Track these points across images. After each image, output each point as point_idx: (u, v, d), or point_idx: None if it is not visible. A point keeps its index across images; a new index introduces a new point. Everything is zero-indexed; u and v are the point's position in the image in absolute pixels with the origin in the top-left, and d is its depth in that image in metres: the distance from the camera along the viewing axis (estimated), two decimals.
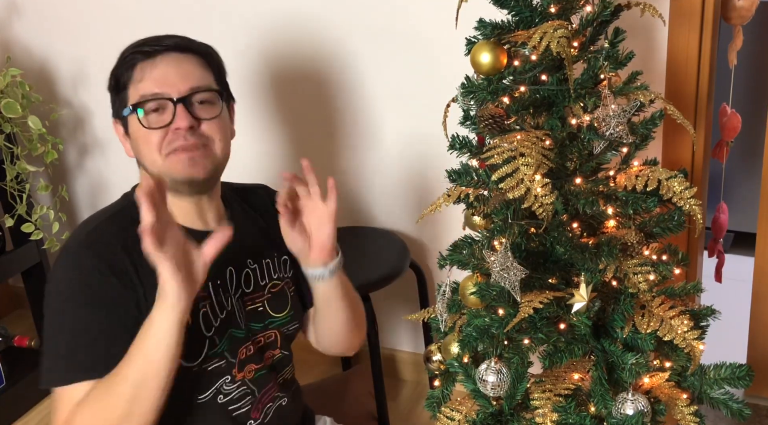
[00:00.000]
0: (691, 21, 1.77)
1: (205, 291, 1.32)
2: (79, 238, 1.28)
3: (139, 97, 1.26)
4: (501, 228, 1.26)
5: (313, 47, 2.13)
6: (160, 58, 1.27)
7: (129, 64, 1.27)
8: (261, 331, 1.40)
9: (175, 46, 1.29)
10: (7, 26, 2.50)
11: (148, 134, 1.27)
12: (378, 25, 2.04)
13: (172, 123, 1.26)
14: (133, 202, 1.32)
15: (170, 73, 1.27)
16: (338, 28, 2.08)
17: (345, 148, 2.21)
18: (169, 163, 1.27)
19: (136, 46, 1.29)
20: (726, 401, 1.30)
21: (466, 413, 1.33)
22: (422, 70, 2.03)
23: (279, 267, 1.46)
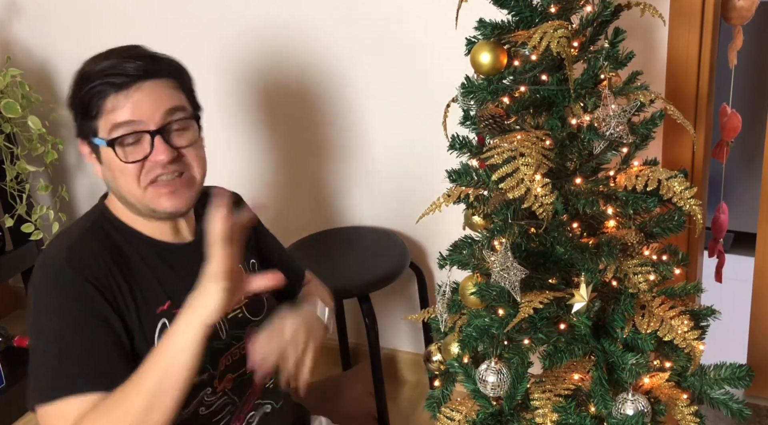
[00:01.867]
0: (691, 21, 1.77)
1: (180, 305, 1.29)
2: (58, 255, 1.24)
3: (113, 127, 1.21)
4: (501, 228, 1.26)
5: (311, 48, 2.12)
6: (133, 88, 1.21)
7: (99, 94, 1.21)
8: (244, 338, 1.39)
9: (146, 72, 1.23)
10: (7, 26, 2.50)
11: (125, 167, 1.23)
12: (378, 26, 2.04)
13: (150, 155, 1.22)
14: (105, 215, 1.32)
15: (144, 103, 1.22)
16: (336, 30, 2.08)
17: (345, 148, 2.21)
18: (150, 195, 1.25)
19: (104, 73, 1.22)
20: (726, 401, 1.30)
21: (466, 413, 1.33)
22: (422, 70, 2.03)
23: (248, 270, 1.46)
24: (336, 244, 2.17)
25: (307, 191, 2.32)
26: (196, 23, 2.24)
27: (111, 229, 1.31)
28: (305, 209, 2.33)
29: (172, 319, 1.27)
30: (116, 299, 1.23)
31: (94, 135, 1.24)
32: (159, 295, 1.29)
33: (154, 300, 1.28)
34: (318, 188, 2.30)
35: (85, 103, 1.23)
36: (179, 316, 1.16)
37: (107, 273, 1.24)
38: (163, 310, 1.28)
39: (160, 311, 1.28)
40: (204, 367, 1.31)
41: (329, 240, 2.19)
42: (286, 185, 2.33)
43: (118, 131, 1.21)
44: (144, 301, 1.27)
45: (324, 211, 2.32)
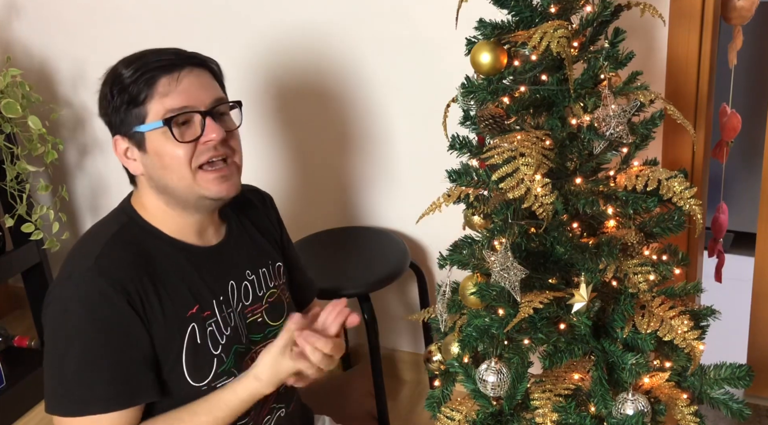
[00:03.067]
0: (691, 21, 1.77)
1: (210, 308, 1.31)
2: (86, 264, 1.23)
3: (167, 111, 1.23)
4: (501, 228, 1.26)
5: (316, 52, 2.13)
6: (183, 73, 1.25)
7: (148, 80, 1.23)
8: (261, 342, 1.40)
9: (191, 60, 1.28)
10: (7, 26, 2.50)
11: (176, 148, 1.24)
12: (378, 27, 2.04)
13: (202, 135, 1.25)
14: (132, 217, 1.32)
15: (193, 87, 1.25)
16: (340, 32, 2.08)
17: (345, 148, 2.21)
18: (200, 180, 1.26)
19: (150, 62, 1.25)
20: (726, 401, 1.30)
21: (466, 413, 1.33)
22: (422, 71, 2.03)
23: (274, 274, 1.46)
24: (336, 244, 2.17)
25: (307, 191, 2.32)
26: (203, 24, 2.24)
27: (139, 233, 1.30)
28: (306, 209, 2.33)
29: (200, 323, 1.29)
30: (145, 310, 1.23)
31: (141, 122, 1.24)
32: (188, 300, 1.29)
33: (183, 306, 1.28)
34: (318, 188, 2.30)
35: (132, 91, 1.24)
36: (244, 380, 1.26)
37: (137, 284, 1.23)
38: (192, 314, 1.28)
39: (189, 315, 1.28)
40: (230, 371, 1.32)
41: (329, 240, 2.19)
42: (286, 185, 2.33)
43: (169, 112, 1.23)
44: (172, 308, 1.26)
45: (324, 210, 2.32)
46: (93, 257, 1.23)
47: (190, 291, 1.29)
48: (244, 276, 1.39)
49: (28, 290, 2.51)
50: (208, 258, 1.35)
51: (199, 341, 1.28)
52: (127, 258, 1.25)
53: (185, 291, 1.29)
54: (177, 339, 1.26)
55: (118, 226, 1.30)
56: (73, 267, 1.25)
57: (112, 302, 1.20)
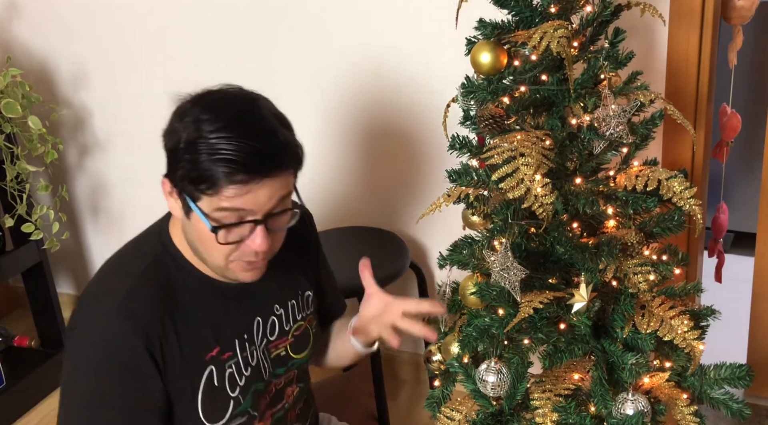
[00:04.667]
0: (691, 21, 1.77)
1: (231, 349, 1.27)
2: (114, 301, 1.19)
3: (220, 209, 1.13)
4: (501, 228, 1.26)
5: (320, 51, 2.13)
6: (263, 182, 1.12)
7: (220, 177, 1.10)
8: (284, 375, 1.37)
9: (272, 166, 1.13)
10: (7, 26, 2.50)
11: (216, 242, 1.15)
12: (378, 26, 2.04)
13: (247, 239, 1.16)
14: (168, 248, 1.26)
15: (260, 196, 1.13)
16: (338, 30, 2.08)
17: (345, 148, 2.21)
18: (232, 268, 1.20)
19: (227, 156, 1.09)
20: (726, 401, 1.30)
21: (466, 413, 1.33)
22: (422, 70, 2.03)
23: (303, 305, 1.41)
24: (336, 244, 2.17)
25: (307, 191, 2.32)
26: (204, 22, 2.24)
27: (171, 266, 1.25)
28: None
29: (219, 366, 1.25)
30: (163, 356, 1.20)
31: (191, 197, 1.14)
32: (208, 342, 1.25)
33: (203, 348, 1.25)
34: (318, 188, 2.30)
35: (197, 171, 1.11)
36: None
37: (159, 327, 1.19)
38: (211, 357, 1.25)
39: (208, 357, 1.25)
40: (245, 411, 1.29)
41: (329, 240, 2.19)
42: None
43: (223, 214, 1.13)
44: (192, 349, 1.23)
45: (324, 210, 2.31)
46: (122, 295, 1.19)
47: (212, 332, 1.25)
48: (272, 311, 1.35)
49: (28, 290, 2.51)
50: (237, 295, 1.29)
51: (216, 383, 1.25)
52: (154, 299, 1.20)
53: (207, 332, 1.25)
54: (193, 382, 1.23)
55: (152, 258, 1.24)
56: (102, 298, 1.22)
57: (131, 346, 1.17)
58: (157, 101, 2.50)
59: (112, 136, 2.52)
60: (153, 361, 1.18)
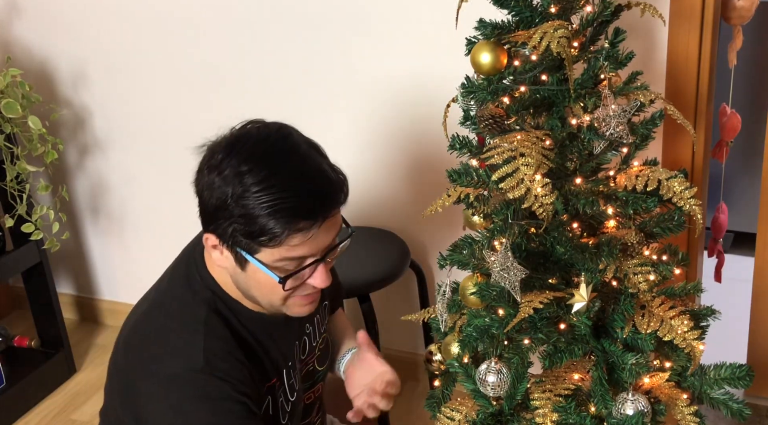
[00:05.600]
0: (691, 21, 1.77)
1: (281, 378, 1.28)
2: (194, 363, 1.16)
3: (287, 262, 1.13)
4: (501, 228, 1.26)
5: (311, 49, 2.13)
6: (323, 226, 1.13)
7: (280, 228, 1.09)
8: (310, 389, 1.39)
9: (329, 210, 1.14)
10: (7, 26, 2.49)
11: (278, 287, 1.15)
12: (377, 24, 2.04)
13: (309, 278, 1.16)
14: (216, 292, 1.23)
15: (320, 240, 1.14)
16: (337, 27, 2.08)
17: (345, 148, 2.21)
18: (290, 305, 1.20)
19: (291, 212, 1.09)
20: (726, 401, 1.30)
21: (466, 413, 1.33)
22: (422, 70, 2.03)
23: (323, 315, 1.42)
24: None
25: None
26: (204, 21, 2.24)
27: (227, 313, 1.23)
28: None
29: (274, 395, 1.26)
30: (250, 391, 1.19)
31: (250, 251, 1.12)
32: (270, 374, 1.26)
33: (264, 378, 1.25)
34: None
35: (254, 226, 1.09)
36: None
37: (243, 372, 1.19)
38: (269, 387, 1.26)
39: (267, 388, 1.26)
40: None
41: None
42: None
43: (286, 263, 1.13)
44: (257, 383, 1.23)
45: None
46: (200, 358, 1.16)
47: (268, 363, 1.26)
48: (304, 331, 1.36)
49: (28, 290, 2.51)
50: (281, 325, 1.30)
51: (271, 413, 1.26)
52: (227, 350, 1.19)
53: (268, 364, 1.26)
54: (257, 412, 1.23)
55: (206, 308, 1.21)
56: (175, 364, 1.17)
57: (228, 394, 1.15)
58: (157, 101, 2.51)
59: (112, 136, 2.52)
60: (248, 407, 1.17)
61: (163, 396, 1.16)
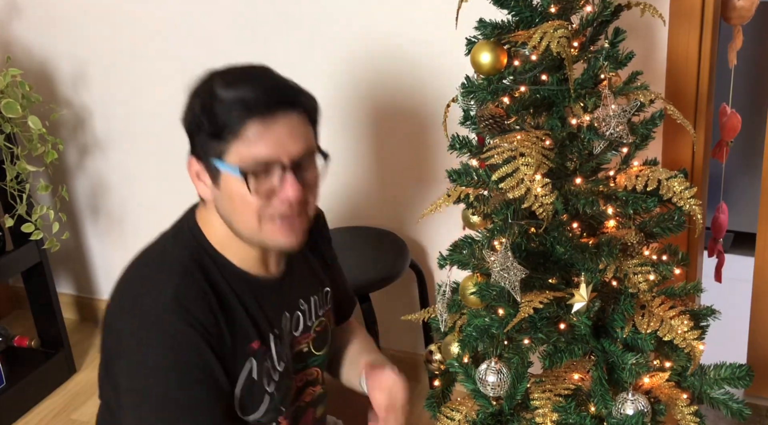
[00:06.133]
0: (691, 21, 1.77)
1: (266, 343, 1.28)
2: (163, 299, 1.17)
3: (249, 158, 1.14)
4: (501, 228, 1.26)
5: (312, 49, 2.13)
6: (277, 117, 1.15)
7: (237, 118, 1.14)
8: (301, 371, 1.38)
9: (287, 102, 1.18)
10: (7, 26, 2.50)
11: (248, 197, 1.16)
12: (378, 25, 2.04)
13: (279, 189, 1.17)
14: (201, 243, 1.26)
15: (284, 135, 1.16)
16: (339, 29, 2.08)
17: (345, 148, 2.21)
18: (266, 229, 1.19)
19: (243, 98, 1.15)
20: (726, 401, 1.30)
21: (466, 413, 1.33)
22: (422, 70, 2.03)
23: (323, 301, 1.42)
24: (336, 244, 2.16)
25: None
26: (205, 22, 2.24)
27: (208, 262, 1.24)
28: None
29: (259, 358, 1.26)
30: (220, 346, 1.20)
31: (218, 157, 1.16)
32: (250, 334, 1.26)
33: (246, 340, 1.25)
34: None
35: (217, 123, 1.15)
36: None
37: (212, 320, 1.19)
38: (252, 349, 1.26)
39: (250, 350, 1.26)
40: (277, 408, 1.30)
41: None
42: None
43: (251, 164, 1.15)
44: (238, 343, 1.24)
45: (324, 211, 2.31)
46: (170, 293, 1.18)
47: (252, 324, 1.26)
48: (297, 306, 1.36)
49: (28, 290, 2.51)
50: (270, 291, 1.30)
51: (255, 377, 1.26)
52: (202, 294, 1.20)
53: (248, 324, 1.25)
54: (237, 373, 1.24)
55: (188, 253, 1.24)
56: (146, 298, 1.20)
57: (194, 345, 1.17)
58: (157, 101, 2.50)
59: (112, 136, 2.52)
60: (213, 353, 1.19)
61: (131, 332, 1.18)
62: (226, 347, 1.21)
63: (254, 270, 1.28)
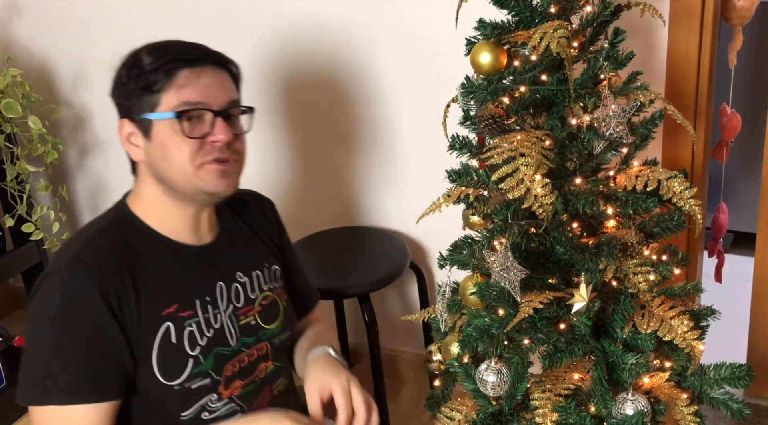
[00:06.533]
0: (691, 21, 1.77)
1: (191, 308, 1.30)
2: (68, 254, 1.25)
3: (181, 103, 1.23)
4: (501, 228, 1.26)
5: (321, 50, 2.13)
6: (205, 69, 1.26)
7: (169, 69, 1.24)
8: (253, 344, 1.38)
9: (214, 57, 1.28)
10: (7, 26, 2.50)
11: (182, 142, 1.23)
12: (379, 26, 2.04)
13: (210, 134, 1.25)
14: (125, 214, 1.32)
15: (212, 85, 1.26)
16: (341, 31, 2.08)
17: (345, 148, 2.21)
18: (202, 174, 1.26)
19: (174, 52, 1.26)
20: (726, 401, 1.30)
21: (466, 413, 1.33)
22: (422, 71, 2.03)
23: (269, 277, 1.45)
24: (336, 244, 2.17)
25: (308, 191, 2.32)
26: (206, 22, 2.24)
27: (129, 228, 1.30)
28: (306, 209, 2.33)
29: (178, 323, 1.28)
30: (120, 305, 1.23)
31: (152, 110, 1.24)
32: (167, 298, 1.28)
33: (160, 304, 1.27)
34: (319, 188, 2.30)
35: (148, 79, 1.24)
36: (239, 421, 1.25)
37: (116, 277, 1.23)
38: (169, 313, 1.27)
39: (166, 313, 1.27)
40: (206, 373, 1.30)
41: (330, 240, 2.19)
42: (286, 184, 2.33)
43: (184, 106, 1.23)
44: (150, 305, 1.26)
45: (324, 210, 2.32)
46: (76, 249, 1.25)
47: (170, 289, 1.29)
48: (235, 278, 1.38)
49: (28, 290, 2.51)
50: (197, 258, 1.34)
51: (174, 340, 1.27)
52: (109, 250, 1.25)
53: (165, 289, 1.28)
54: (149, 336, 1.26)
55: (107, 222, 1.31)
56: (56, 260, 1.27)
57: (87, 295, 1.20)
58: None
59: (112, 136, 2.51)
60: (110, 311, 1.22)
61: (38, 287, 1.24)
62: (131, 307, 1.24)
63: (182, 238, 1.33)
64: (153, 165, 1.28)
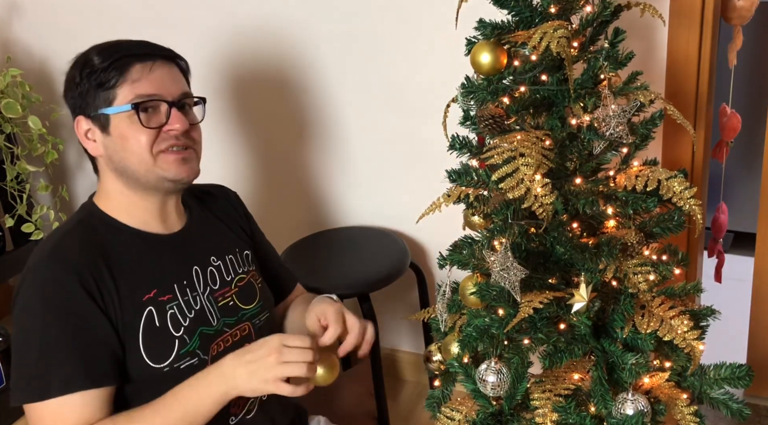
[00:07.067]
0: (691, 21, 1.77)
1: (170, 292, 1.34)
2: (42, 254, 1.29)
3: (137, 96, 1.29)
4: (501, 228, 1.26)
5: (314, 50, 2.13)
6: (156, 64, 1.32)
7: (122, 65, 1.30)
8: (235, 325, 1.42)
9: (164, 53, 1.35)
10: (7, 26, 2.50)
11: (140, 132, 1.29)
12: (377, 25, 2.04)
13: (166, 124, 1.31)
14: (92, 212, 1.36)
15: (165, 78, 1.33)
16: (333, 31, 2.08)
17: (345, 149, 2.21)
18: (160, 163, 1.32)
19: (126, 48, 1.32)
20: (726, 401, 1.30)
21: (466, 413, 1.33)
22: (422, 71, 2.03)
23: (242, 261, 1.50)
24: (336, 244, 2.17)
25: (308, 191, 2.32)
26: (202, 21, 2.24)
27: (97, 224, 1.35)
28: (306, 209, 2.33)
29: (159, 307, 1.32)
30: (101, 293, 1.27)
31: (108, 105, 1.30)
32: (144, 285, 1.32)
33: (139, 290, 1.31)
34: (319, 188, 2.30)
35: (101, 77, 1.30)
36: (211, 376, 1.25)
37: (92, 268, 1.27)
38: (149, 298, 1.31)
39: (146, 299, 1.31)
40: (194, 352, 1.34)
41: (329, 240, 2.19)
42: (287, 185, 2.33)
43: (139, 98, 1.29)
44: (129, 292, 1.30)
45: (324, 210, 2.32)
46: (49, 248, 1.29)
47: (147, 276, 1.33)
48: (209, 262, 1.43)
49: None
50: (169, 245, 1.39)
51: (158, 324, 1.31)
52: (82, 244, 1.29)
53: (142, 276, 1.32)
54: (134, 323, 1.29)
55: (76, 221, 1.35)
56: (31, 261, 1.31)
57: (66, 287, 1.24)
58: None
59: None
60: (92, 299, 1.25)
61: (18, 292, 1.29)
62: (111, 295, 1.28)
63: (151, 228, 1.37)
64: (112, 158, 1.33)
